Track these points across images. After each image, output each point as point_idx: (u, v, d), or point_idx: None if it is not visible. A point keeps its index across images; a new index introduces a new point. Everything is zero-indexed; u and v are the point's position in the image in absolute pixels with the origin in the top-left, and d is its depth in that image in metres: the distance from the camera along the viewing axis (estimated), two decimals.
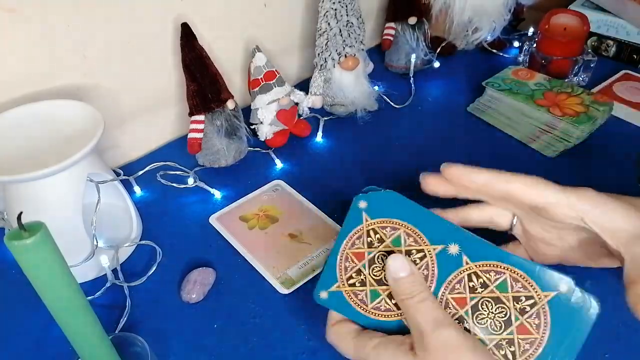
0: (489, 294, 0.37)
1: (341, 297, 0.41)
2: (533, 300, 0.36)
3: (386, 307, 0.39)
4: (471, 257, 0.38)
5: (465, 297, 0.38)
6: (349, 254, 0.41)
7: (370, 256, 0.41)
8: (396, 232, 0.40)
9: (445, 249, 0.39)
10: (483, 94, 0.76)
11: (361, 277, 0.40)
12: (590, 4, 0.87)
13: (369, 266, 0.40)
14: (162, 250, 0.57)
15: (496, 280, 0.37)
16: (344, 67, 0.73)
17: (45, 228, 0.30)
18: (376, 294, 0.40)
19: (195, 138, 0.65)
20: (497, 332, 0.36)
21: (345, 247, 0.41)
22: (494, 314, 0.37)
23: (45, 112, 0.54)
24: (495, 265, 0.38)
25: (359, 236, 0.41)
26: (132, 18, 0.63)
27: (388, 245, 0.40)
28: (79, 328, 0.36)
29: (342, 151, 0.71)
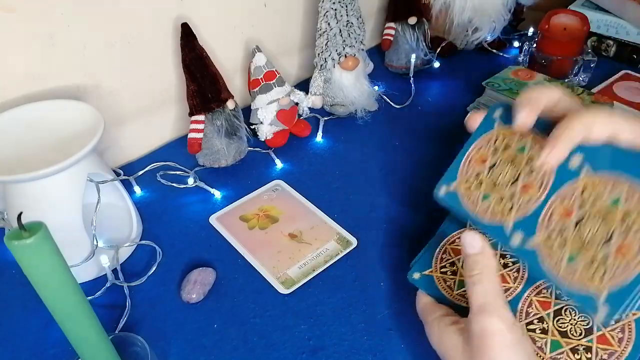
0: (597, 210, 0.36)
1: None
2: None
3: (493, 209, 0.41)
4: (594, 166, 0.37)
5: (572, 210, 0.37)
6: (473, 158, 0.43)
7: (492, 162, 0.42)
8: (523, 140, 0.41)
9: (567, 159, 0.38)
10: (483, 94, 0.76)
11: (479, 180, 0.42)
12: (590, 4, 0.87)
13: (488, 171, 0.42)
14: (162, 250, 0.57)
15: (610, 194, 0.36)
16: (344, 67, 0.73)
17: (45, 228, 0.30)
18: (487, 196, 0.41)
19: (195, 138, 0.65)
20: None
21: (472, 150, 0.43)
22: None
23: (45, 112, 0.54)
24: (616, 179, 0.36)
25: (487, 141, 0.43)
26: (132, 18, 0.63)
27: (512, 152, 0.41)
28: (79, 328, 0.36)
29: (342, 151, 0.71)
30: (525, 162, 0.40)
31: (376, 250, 0.56)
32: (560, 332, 0.37)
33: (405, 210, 0.61)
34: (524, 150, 0.41)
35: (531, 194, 0.39)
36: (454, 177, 0.43)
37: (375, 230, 0.59)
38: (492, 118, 0.43)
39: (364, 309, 0.51)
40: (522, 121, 0.40)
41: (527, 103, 0.40)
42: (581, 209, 0.37)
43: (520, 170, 0.40)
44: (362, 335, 0.48)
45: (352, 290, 0.53)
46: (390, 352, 0.47)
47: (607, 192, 0.36)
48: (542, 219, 0.38)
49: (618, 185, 0.36)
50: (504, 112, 0.43)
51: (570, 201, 0.37)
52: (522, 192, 0.40)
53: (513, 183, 0.40)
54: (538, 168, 0.39)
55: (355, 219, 0.60)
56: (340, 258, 0.56)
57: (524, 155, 0.40)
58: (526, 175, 0.40)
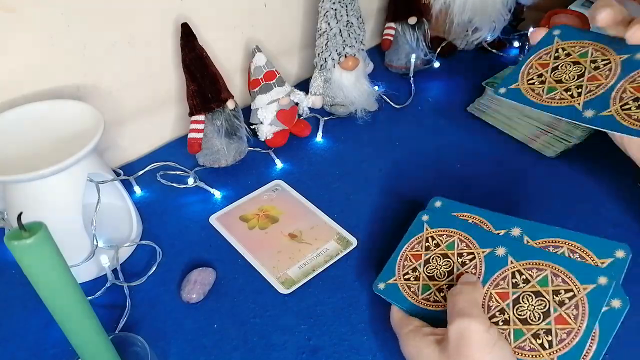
0: (530, 289, 0.40)
1: (396, 289, 0.46)
2: (572, 293, 0.38)
3: (435, 298, 0.44)
4: (516, 257, 0.42)
5: (507, 291, 0.41)
6: (409, 255, 0.48)
7: (426, 257, 0.47)
8: (451, 239, 0.46)
9: (493, 251, 0.43)
10: (483, 94, 0.76)
11: (416, 274, 0.46)
12: (590, 4, 0.87)
13: (424, 265, 0.46)
14: (162, 250, 0.57)
15: (538, 276, 0.40)
16: (344, 67, 0.73)
17: (45, 228, 0.30)
18: (427, 288, 0.45)
19: (195, 138, 0.65)
20: (535, 322, 0.39)
21: (406, 250, 0.48)
22: (533, 306, 0.39)
23: (45, 112, 0.54)
24: (537, 264, 0.41)
25: (418, 242, 0.48)
26: (132, 18, 0.63)
27: (443, 249, 0.46)
28: (79, 328, 0.36)
29: (342, 151, 0.71)
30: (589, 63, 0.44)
31: (376, 250, 0.56)
32: (521, 319, 0.39)
33: (405, 210, 0.61)
34: (586, 55, 0.44)
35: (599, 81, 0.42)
36: (515, 80, 0.46)
37: (375, 230, 0.59)
38: (552, 35, 0.47)
39: (364, 309, 0.51)
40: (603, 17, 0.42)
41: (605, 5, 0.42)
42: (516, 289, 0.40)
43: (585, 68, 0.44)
44: (362, 335, 0.49)
45: (352, 290, 0.53)
46: (390, 352, 0.47)
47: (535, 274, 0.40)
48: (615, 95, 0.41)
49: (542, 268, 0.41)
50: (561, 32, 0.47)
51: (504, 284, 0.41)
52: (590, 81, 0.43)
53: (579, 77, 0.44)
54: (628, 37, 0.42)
55: (355, 219, 0.60)
56: (340, 258, 0.56)
57: (587, 58, 0.44)
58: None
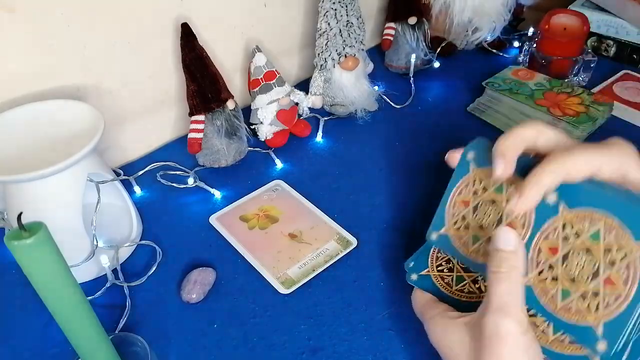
0: (580, 244, 0.37)
1: (447, 240, 0.44)
2: (624, 252, 0.35)
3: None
4: (569, 203, 0.38)
5: (557, 245, 0.38)
6: (457, 202, 0.44)
7: (474, 204, 0.43)
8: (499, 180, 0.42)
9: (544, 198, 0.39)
10: (483, 94, 0.76)
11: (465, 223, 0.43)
12: (590, 4, 0.87)
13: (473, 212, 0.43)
14: (162, 250, 0.57)
15: (590, 230, 0.37)
16: (344, 67, 0.73)
17: (45, 228, 0.30)
18: (477, 238, 0.42)
19: (195, 138, 0.65)
20: (583, 282, 0.36)
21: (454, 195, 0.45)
22: (583, 265, 0.37)
23: (45, 112, 0.54)
24: (591, 213, 0.37)
25: (466, 184, 0.44)
26: (132, 18, 0.63)
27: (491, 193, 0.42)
28: (79, 328, 0.36)
29: (342, 151, 0.71)
30: (505, 202, 0.41)
31: (376, 250, 0.56)
32: (569, 278, 0.37)
33: (405, 210, 0.61)
34: (501, 190, 0.42)
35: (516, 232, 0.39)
36: (443, 223, 0.44)
37: (375, 230, 0.59)
38: (467, 161, 0.44)
39: (364, 309, 0.51)
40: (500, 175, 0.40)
41: (501, 154, 0.40)
42: (565, 244, 0.38)
43: (501, 211, 0.41)
44: (362, 335, 0.48)
45: (352, 290, 0.53)
46: (390, 352, 0.47)
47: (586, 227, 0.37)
48: (532, 257, 0.38)
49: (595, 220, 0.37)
50: (475, 155, 0.44)
51: (554, 236, 0.38)
52: None
53: (497, 223, 0.41)
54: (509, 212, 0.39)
55: (355, 219, 0.60)
56: (340, 258, 0.56)
57: (503, 196, 0.41)
58: (508, 214, 0.41)
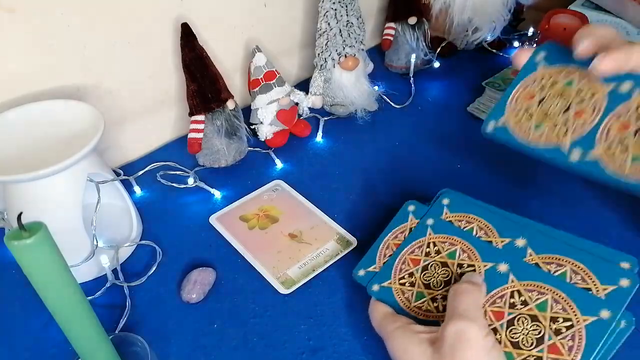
0: (527, 312, 0.38)
1: (390, 292, 0.45)
2: (571, 323, 0.37)
3: (427, 308, 0.43)
4: (518, 276, 0.40)
5: (503, 311, 0.39)
6: (407, 259, 0.46)
7: (425, 264, 0.45)
8: (453, 247, 0.44)
9: (495, 266, 0.41)
10: (483, 94, 0.76)
11: (412, 280, 0.44)
12: (590, 4, 0.87)
13: (422, 272, 0.44)
14: (162, 250, 0.57)
15: (537, 300, 0.38)
16: (344, 67, 0.73)
17: (45, 228, 0.30)
18: (421, 295, 0.43)
19: (195, 138, 0.65)
20: (527, 347, 0.37)
21: (405, 253, 0.46)
22: (528, 330, 0.38)
23: (45, 112, 0.54)
24: (539, 286, 0.39)
25: (419, 246, 0.46)
26: (132, 18, 0.63)
27: (443, 257, 0.44)
28: (79, 328, 0.36)
29: (342, 151, 0.71)
30: (575, 94, 0.42)
31: None
32: (513, 343, 0.37)
33: None
34: (571, 84, 0.43)
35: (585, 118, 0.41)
36: (502, 113, 0.45)
37: (375, 230, 0.59)
38: (535, 61, 0.46)
39: (364, 309, 0.51)
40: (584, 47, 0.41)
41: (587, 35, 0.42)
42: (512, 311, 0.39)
43: (571, 100, 0.42)
44: (362, 335, 0.48)
45: (352, 290, 0.53)
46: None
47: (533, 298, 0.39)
48: (600, 135, 0.40)
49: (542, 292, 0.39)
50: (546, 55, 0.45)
51: (626, 116, 0.39)
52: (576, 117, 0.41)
53: (565, 112, 0.42)
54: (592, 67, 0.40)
55: (355, 219, 0.60)
56: (340, 258, 0.56)
57: (573, 89, 0.42)
58: (577, 104, 0.42)
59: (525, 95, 0.44)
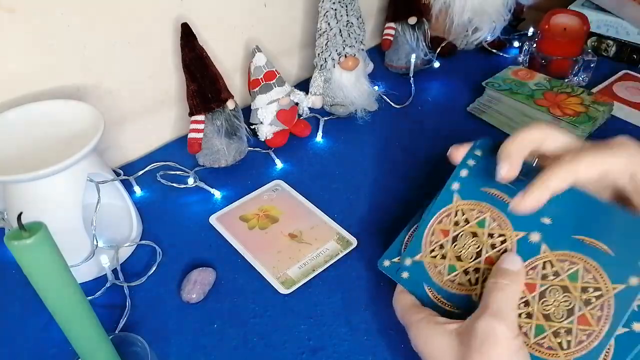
0: (558, 283, 0.38)
1: (422, 267, 0.44)
2: (600, 292, 0.37)
3: (460, 281, 0.42)
4: (551, 245, 0.39)
5: (535, 283, 0.39)
6: (436, 229, 0.44)
7: (454, 234, 0.43)
8: (482, 215, 0.43)
9: (527, 236, 0.40)
10: (483, 94, 0.76)
11: (443, 252, 0.43)
12: (590, 4, 0.87)
13: (452, 243, 0.43)
14: (162, 250, 0.57)
15: (569, 270, 0.38)
16: (344, 67, 0.73)
17: (45, 228, 0.30)
18: (453, 268, 0.42)
19: (195, 138, 0.65)
20: (558, 319, 0.37)
21: (434, 222, 0.45)
22: (559, 302, 0.38)
23: (45, 112, 0.54)
24: (571, 256, 0.38)
25: (447, 214, 0.44)
26: (132, 18, 0.63)
27: (473, 226, 0.43)
28: (79, 328, 0.36)
29: (342, 151, 0.71)
30: (486, 236, 0.42)
31: (376, 250, 0.56)
32: (545, 315, 0.38)
33: (406, 210, 0.61)
34: (483, 225, 0.42)
35: None
36: (419, 249, 0.44)
37: (375, 230, 0.59)
38: (451, 190, 0.45)
39: (364, 309, 0.51)
40: (504, 175, 0.40)
41: (508, 156, 0.40)
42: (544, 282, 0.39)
43: (482, 244, 0.42)
44: (362, 335, 0.48)
45: (352, 290, 0.53)
46: (390, 352, 0.47)
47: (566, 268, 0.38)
48: None
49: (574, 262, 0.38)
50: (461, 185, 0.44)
51: (533, 274, 0.39)
52: (486, 265, 0.41)
53: (477, 256, 0.41)
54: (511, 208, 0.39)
55: (355, 219, 0.60)
56: (340, 258, 0.56)
57: (485, 230, 0.42)
58: (488, 249, 0.41)
59: (440, 230, 0.44)
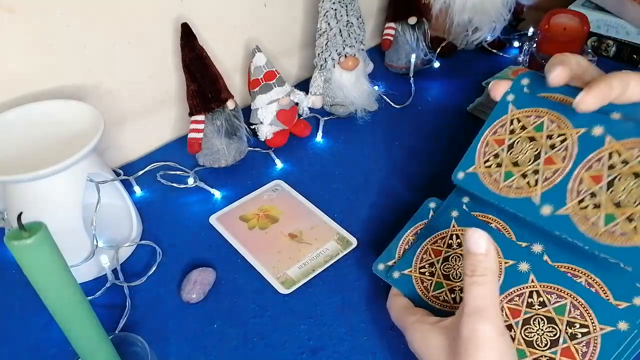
0: (544, 313, 0.38)
1: (409, 280, 0.44)
2: (587, 329, 0.36)
3: (444, 298, 0.42)
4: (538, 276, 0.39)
5: (520, 309, 0.39)
6: (429, 249, 0.45)
7: (446, 255, 0.43)
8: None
9: (516, 265, 0.40)
10: (483, 94, 0.76)
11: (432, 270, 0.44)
12: (590, 4, 0.87)
13: (442, 263, 0.44)
14: (162, 250, 0.57)
15: (556, 303, 0.38)
16: (344, 67, 0.73)
17: (45, 228, 0.30)
18: (440, 286, 0.43)
19: (195, 138, 0.65)
20: (540, 348, 0.37)
21: (428, 243, 0.45)
22: (543, 331, 0.37)
23: (45, 112, 0.54)
24: (559, 290, 0.38)
25: (442, 237, 0.44)
26: (132, 18, 0.63)
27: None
28: (79, 328, 0.36)
29: (342, 151, 0.71)
30: (544, 139, 0.40)
31: (376, 250, 0.56)
32: (527, 341, 0.37)
33: (405, 210, 0.61)
34: (541, 128, 0.41)
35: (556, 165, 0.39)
36: (472, 162, 0.43)
37: (375, 230, 0.59)
38: (506, 102, 0.44)
39: (364, 309, 0.51)
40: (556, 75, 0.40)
41: (559, 62, 0.40)
42: (611, 172, 0.37)
43: (541, 147, 0.40)
44: (362, 335, 0.48)
45: (352, 290, 0.53)
46: (390, 352, 0.47)
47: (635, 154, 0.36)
48: (571, 187, 0.38)
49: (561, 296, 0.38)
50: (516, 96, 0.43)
51: (598, 166, 0.37)
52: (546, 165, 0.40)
53: (535, 159, 0.40)
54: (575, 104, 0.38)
55: (355, 219, 0.60)
56: (340, 258, 0.56)
57: (543, 133, 0.41)
58: (548, 150, 0.40)
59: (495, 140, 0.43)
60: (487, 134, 0.44)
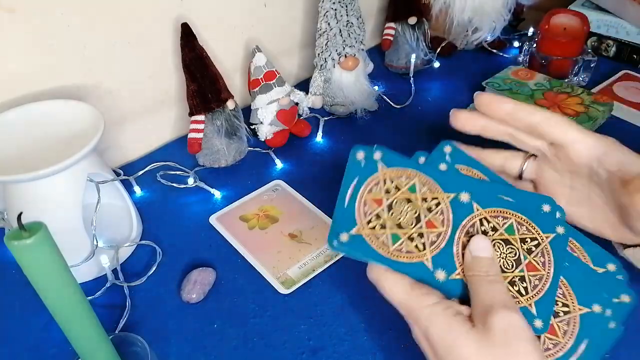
0: (499, 237, 0.40)
1: (362, 241, 0.41)
2: (537, 242, 0.40)
3: (408, 249, 0.40)
4: (481, 204, 0.41)
5: None
6: (367, 200, 0.42)
7: (388, 202, 0.42)
8: (411, 181, 0.42)
9: (457, 196, 0.41)
10: None
11: (381, 222, 0.41)
12: (590, 4, 0.87)
13: (388, 211, 0.42)
14: (162, 250, 0.57)
15: (504, 224, 0.40)
16: (344, 67, 0.73)
17: (45, 228, 0.30)
18: (397, 237, 0.40)
19: (195, 138, 0.65)
20: (509, 270, 0.39)
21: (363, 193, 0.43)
22: (505, 254, 0.39)
23: (45, 112, 0.54)
24: (502, 212, 0.41)
25: (376, 183, 0.43)
26: (132, 18, 0.63)
27: (405, 192, 0.42)
28: (79, 328, 0.36)
29: (342, 151, 0.71)
30: (420, 201, 0.41)
31: None
32: None
33: None
34: (414, 189, 0.42)
35: (437, 229, 0.40)
36: (353, 222, 0.41)
37: None
38: (374, 160, 0.44)
39: (364, 309, 0.51)
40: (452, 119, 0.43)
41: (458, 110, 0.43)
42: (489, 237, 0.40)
43: (419, 209, 0.41)
44: (362, 335, 0.49)
45: (352, 290, 0.53)
46: (390, 352, 0.47)
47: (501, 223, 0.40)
48: (456, 251, 0.40)
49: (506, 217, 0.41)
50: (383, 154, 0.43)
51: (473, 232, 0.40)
52: (429, 229, 0.41)
53: (417, 221, 0.41)
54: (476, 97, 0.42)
55: None
56: (340, 258, 0.56)
57: (418, 195, 0.42)
58: (426, 212, 0.41)
59: (373, 200, 0.42)
60: (362, 192, 0.42)
